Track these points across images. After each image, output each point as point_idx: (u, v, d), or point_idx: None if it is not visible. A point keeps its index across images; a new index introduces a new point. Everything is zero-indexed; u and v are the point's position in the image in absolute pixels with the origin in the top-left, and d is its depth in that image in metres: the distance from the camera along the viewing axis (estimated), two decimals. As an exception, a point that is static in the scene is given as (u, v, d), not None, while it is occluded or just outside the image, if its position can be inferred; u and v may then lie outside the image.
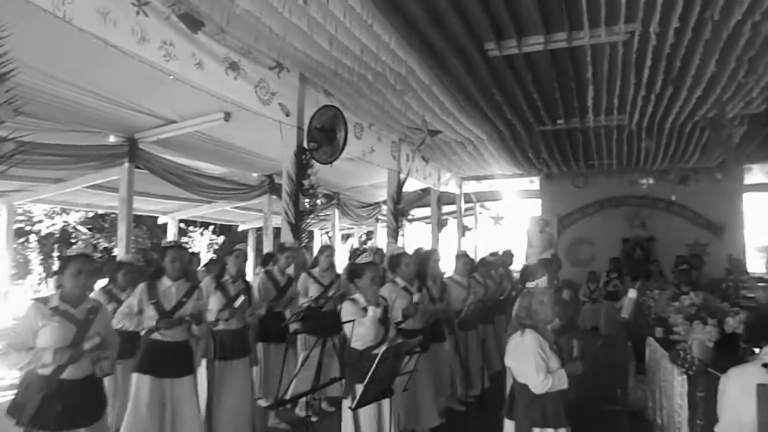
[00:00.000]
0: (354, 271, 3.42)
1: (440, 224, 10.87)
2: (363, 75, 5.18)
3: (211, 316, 3.73)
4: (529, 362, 2.68)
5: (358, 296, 3.28)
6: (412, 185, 10.24)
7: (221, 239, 18.23)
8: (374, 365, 2.26)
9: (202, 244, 17.65)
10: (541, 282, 2.82)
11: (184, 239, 17.25)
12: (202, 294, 3.58)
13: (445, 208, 12.60)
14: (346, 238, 18.70)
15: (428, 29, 4.39)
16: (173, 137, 6.31)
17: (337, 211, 11.53)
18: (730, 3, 3.90)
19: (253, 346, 4.25)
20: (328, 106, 5.50)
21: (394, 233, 7.99)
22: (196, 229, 17.63)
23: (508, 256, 7.41)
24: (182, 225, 16.53)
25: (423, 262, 4.96)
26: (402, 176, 8.00)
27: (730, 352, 3.44)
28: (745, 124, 7.16)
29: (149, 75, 4.22)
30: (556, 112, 6.64)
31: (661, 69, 5.08)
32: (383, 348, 2.59)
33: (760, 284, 9.49)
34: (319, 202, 10.14)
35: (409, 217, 12.73)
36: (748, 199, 10.94)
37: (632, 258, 10.98)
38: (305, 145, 5.38)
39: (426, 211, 11.75)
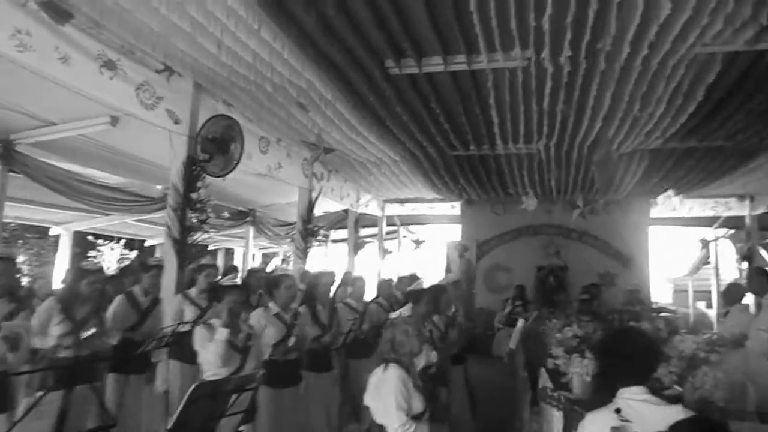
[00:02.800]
0: (216, 291, 3.10)
1: (357, 247, 10.63)
2: (261, 86, 4.92)
3: (51, 342, 3.27)
4: (389, 401, 2.44)
5: (214, 320, 2.95)
6: (333, 206, 10.01)
7: (134, 254, 17.19)
8: (181, 406, 1.94)
9: (112, 259, 16.57)
10: (405, 311, 2.61)
11: (92, 253, 16.17)
12: (35, 315, 3.12)
13: (368, 231, 12.42)
14: (269, 257, 18.13)
15: (323, 40, 4.18)
16: (55, 141, 5.77)
17: (252, 229, 11.07)
18: (621, 35, 3.93)
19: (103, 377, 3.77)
20: (221, 115, 5.18)
21: (302, 254, 7.66)
22: (106, 242, 16.54)
23: (412, 280, 7.23)
24: (90, 238, 15.50)
25: (312, 285, 4.69)
26: (314, 195, 7.71)
27: (610, 388, 3.37)
28: (646, 158, 7.42)
29: (25, 72, 3.78)
30: (466, 137, 6.60)
31: (560, 98, 5.11)
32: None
33: (662, 314, 9.84)
34: (222, 216, 9.67)
35: (327, 238, 12.47)
36: (653, 232, 11.42)
37: (545, 286, 11.14)
38: (197, 155, 5.02)
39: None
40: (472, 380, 5.28)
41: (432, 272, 11.97)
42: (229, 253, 16.56)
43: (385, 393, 2.47)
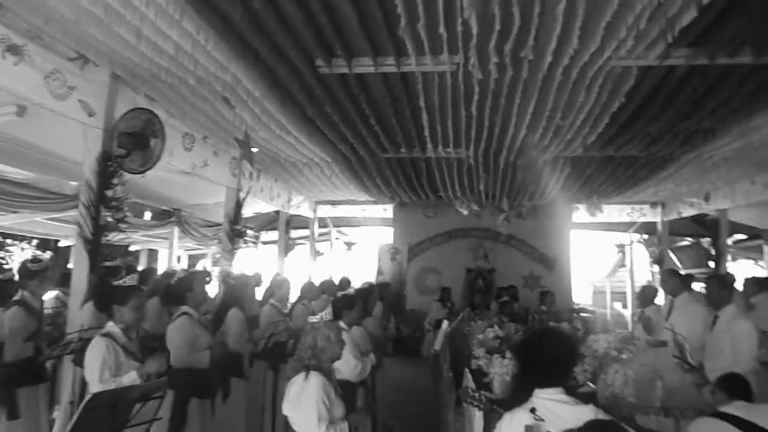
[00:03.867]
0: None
1: (287, 248, 10.45)
2: (184, 79, 4.71)
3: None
4: (310, 411, 2.36)
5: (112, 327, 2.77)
6: (266, 206, 9.78)
7: (48, 255, 16.07)
8: (75, 417, 1.80)
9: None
10: (326, 314, 2.55)
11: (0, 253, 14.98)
12: None
13: (300, 232, 12.25)
14: (196, 259, 17.49)
15: (250, 35, 4.05)
16: (-49, 130, 5.28)
17: (176, 230, 10.62)
18: (542, 45, 4.05)
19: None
20: (140, 109, 4.92)
21: (229, 255, 7.42)
22: (15, 242, 15.37)
23: (345, 283, 7.21)
24: (-1, 237, 14.36)
25: (239, 287, 4.54)
26: (242, 195, 7.49)
27: (528, 388, 3.46)
28: (568, 165, 7.74)
29: None
30: (397, 140, 6.62)
31: (488, 104, 5.22)
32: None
33: (581, 314, 10.28)
34: (143, 215, 9.21)
35: (257, 239, 12.19)
36: (575, 236, 11.96)
37: (474, 288, 11.40)
38: (112, 150, 4.74)
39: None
40: (396, 383, 5.30)
41: (363, 275, 11.94)
42: (153, 254, 15.84)
43: (306, 402, 2.40)
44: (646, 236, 12.47)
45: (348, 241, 13.49)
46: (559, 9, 3.46)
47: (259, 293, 6.24)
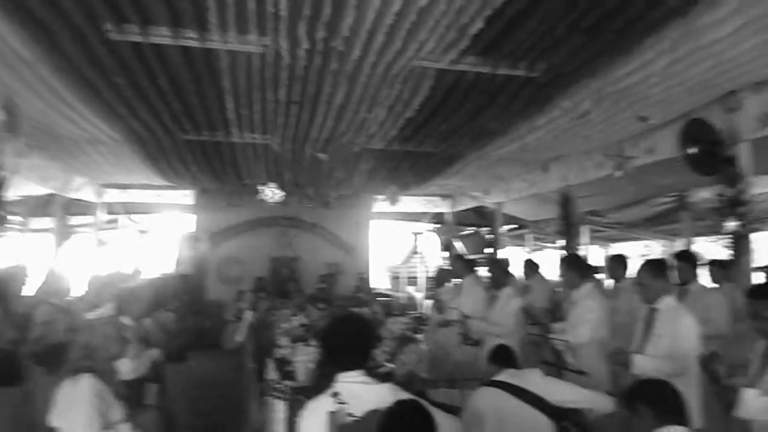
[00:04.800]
0: None
1: (64, 236, 9.16)
2: None
3: None
4: (80, 416, 2.07)
5: None
6: (35, 188, 8.38)
7: None
8: None
9: None
10: (107, 309, 2.27)
11: None
12: None
13: (84, 219, 10.84)
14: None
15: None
16: None
17: None
18: (352, 38, 4.13)
19: None
20: None
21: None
22: None
23: (135, 274, 6.57)
24: None
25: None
26: (3, 174, 6.31)
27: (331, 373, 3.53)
28: (372, 158, 8.09)
29: None
30: (199, 121, 6.21)
31: (296, 91, 5.18)
32: None
33: (380, 299, 10.89)
34: None
35: (25, 226, 10.49)
36: (374, 226, 12.65)
37: (278, 277, 11.33)
38: None
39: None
40: (195, 376, 5.01)
41: (160, 265, 11.05)
42: None
43: (75, 409, 2.10)
44: (437, 225, 13.70)
45: (141, 229, 12.33)
46: (373, 4, 3.56)
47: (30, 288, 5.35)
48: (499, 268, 6.08)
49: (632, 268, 5.38)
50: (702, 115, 5.19)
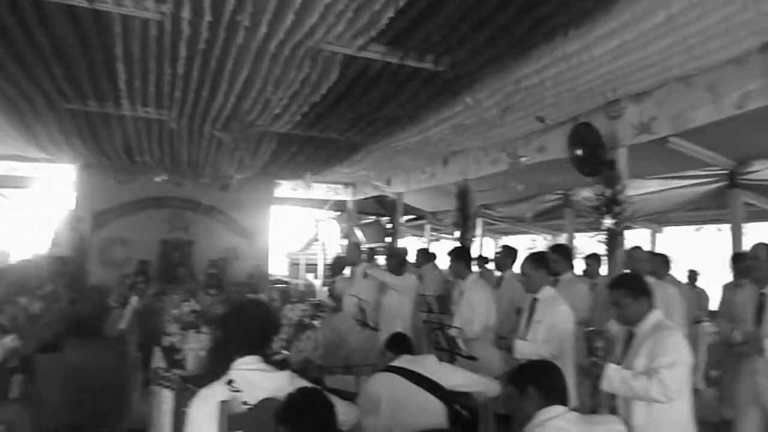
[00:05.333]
0: None
1: None
2: None
3: None
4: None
5: None
6: None
7: None
8: None
9: None
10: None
11: None
12: None
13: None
14: None
15: None
16: None
17: None
18: (258, 13, 3.97)
19: None
20: None
21: None
22: None
23: (3, 256, 5.94)
24: None
25: None
26: None
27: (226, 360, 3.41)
28: (274, 141, 7.89)
29: None
30: (84, 90, 5.69)
31: (196, 65, 4.90)
32: None
33: (278, 285, 10.73)
34: None
35: None
36: (275, 210, 12.38)
37: (169, 260, 10.75)
38: None
39: None
40: (71, 366, 4.63)
41: (34, 246, 10.10)
42: None
43: None
44: (338, 213, 13.70)
45: (12, 204, 11.16)
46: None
47: None
48: (395, 258, 6.22)
49: (520, 260, 5.72)
50: (588, 119, 5.61)
